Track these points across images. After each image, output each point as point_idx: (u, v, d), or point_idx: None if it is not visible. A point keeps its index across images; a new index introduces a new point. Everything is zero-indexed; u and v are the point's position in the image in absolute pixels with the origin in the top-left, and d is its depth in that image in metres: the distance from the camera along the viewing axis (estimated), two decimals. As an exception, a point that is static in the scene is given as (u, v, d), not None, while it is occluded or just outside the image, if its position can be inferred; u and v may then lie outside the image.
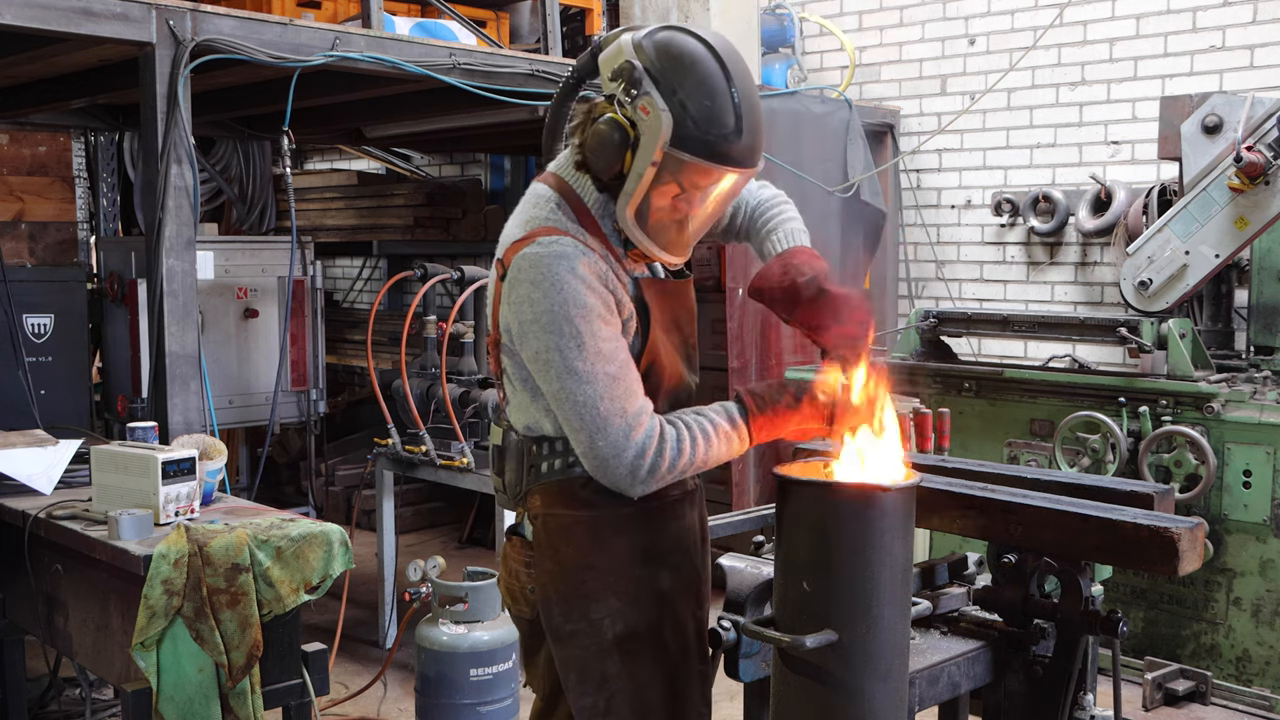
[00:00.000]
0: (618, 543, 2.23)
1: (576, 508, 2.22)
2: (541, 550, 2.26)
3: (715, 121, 2.07)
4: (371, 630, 5.35)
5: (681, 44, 2.12)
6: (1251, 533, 4.56)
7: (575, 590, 2.23)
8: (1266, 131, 4.47)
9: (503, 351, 2.24)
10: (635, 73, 2.07)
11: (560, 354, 2.08)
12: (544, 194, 2.24)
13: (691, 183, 2.13)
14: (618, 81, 2.09)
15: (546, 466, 2.22)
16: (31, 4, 3.61)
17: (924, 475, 2.27)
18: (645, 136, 2.07)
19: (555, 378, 2.09)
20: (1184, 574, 2.43)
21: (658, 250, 2.20)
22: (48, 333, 4.77)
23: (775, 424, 2.22)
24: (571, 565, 2.23)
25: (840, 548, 2.02)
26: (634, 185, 2.11)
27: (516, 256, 2.14)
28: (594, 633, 2.23)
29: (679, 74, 2.07)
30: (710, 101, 2.06)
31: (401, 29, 4.78)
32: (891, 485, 2.06)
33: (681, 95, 2.06)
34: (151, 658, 2.98)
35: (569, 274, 2.09)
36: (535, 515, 2.27)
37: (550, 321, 2.08)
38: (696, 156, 2.07)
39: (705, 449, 2.16)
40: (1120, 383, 4.84)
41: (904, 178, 6.69)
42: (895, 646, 2.08)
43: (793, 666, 2.08)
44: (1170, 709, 4.56)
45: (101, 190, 7.28)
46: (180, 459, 3.32)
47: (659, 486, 2.16)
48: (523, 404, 2.24)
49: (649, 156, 2.07)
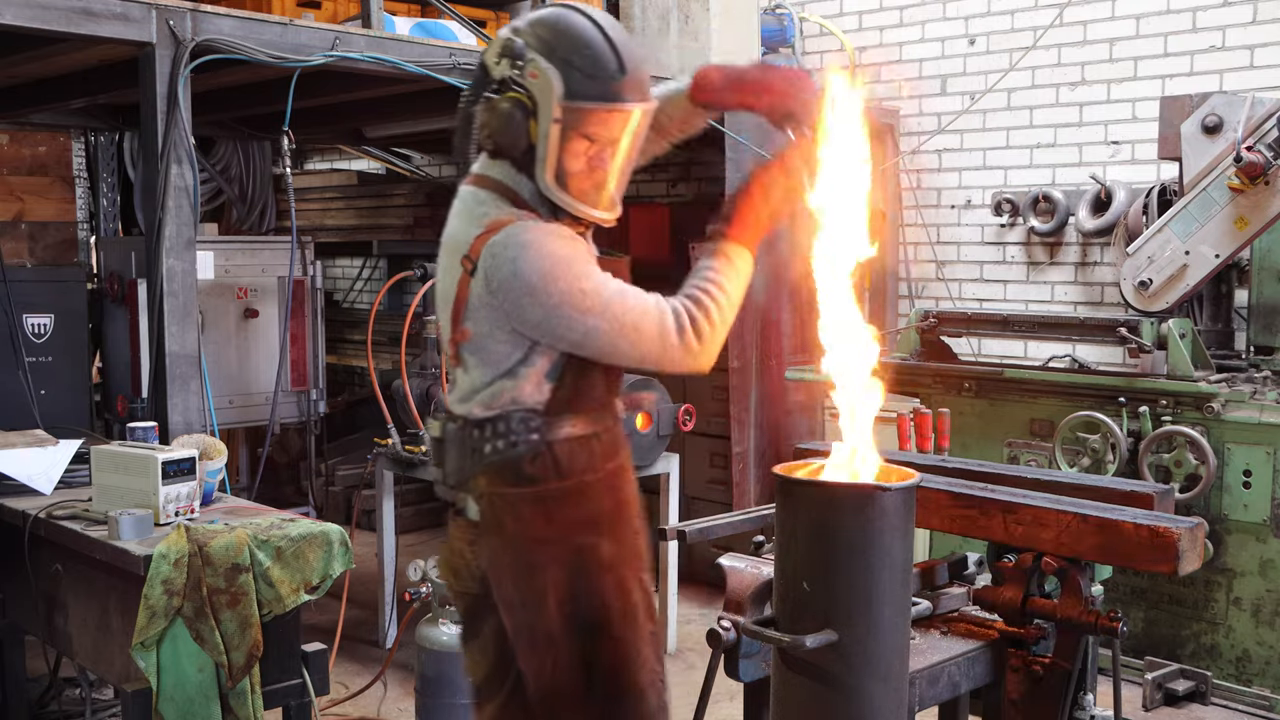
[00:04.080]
0: (561, 515, 2.33)
1: (521, 484, 2.32)
2: (489, 527, 2.36)
3: (598, 65, 2.22)
4: (371, 630, 5.35)
5: (552, 12, 2.31)
6: (1251, 533, 4.56)
7: (525, 561, 2.33)
8: (1266, 131, 4.47)
9: (468, 346, 2.33)
10: (516, 45, 2.24)
11: (570, 297, 2.19)
12: (480, 195, 2.35)
13: (596, 133, 2.25)
14: (503, 60, 2.25)
15: (490, 448, 2.32)
16: (31, 4, 3.61)
17: (924, 475, 2.27)
18: (541, 98, 2.22)
19: (578, 319, 2.20)
20: (1184, 574, 2.44)
21: (588, 209, 2.31)
22: (48, 333, 4.76)
23: (749, 218, 2.36)
24: (520, 538, 2.33)
25: (840, 548, 2.02)
26: (545, 149, 2.24)
27: (486, 246, 2.24)
28: (543, 600, 2.33)
29: (555, 35, 2.24)
30: (589, 50, 2.23)
31: (401, 29, 4.78)
32: (891, 485, 2.06)
33: (561, 52, 2.22)
34: (151, 658, 2.98)
35: (544, 236, 2.22)
36: (481, 495, 2.36)
37: (549, 274, 2.19)
38: (591, 101, 2.22)
39: (724, 288, 2.30)
40: (1120, 383, 4.84)
41: (904, 178, 6.69)
42: (895, 646, 2.08)
43: (793, 666, 2.08)
44: (1170, 709, 4.56)
45: (101, 190, 7.28)
46: (180, 459, 3.32)
47: (718, 346, 2.28)
48: (472, 386, 2.34)
49: (549, 116, 2.21)
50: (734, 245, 2.36)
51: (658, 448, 5.09)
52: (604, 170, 2.30)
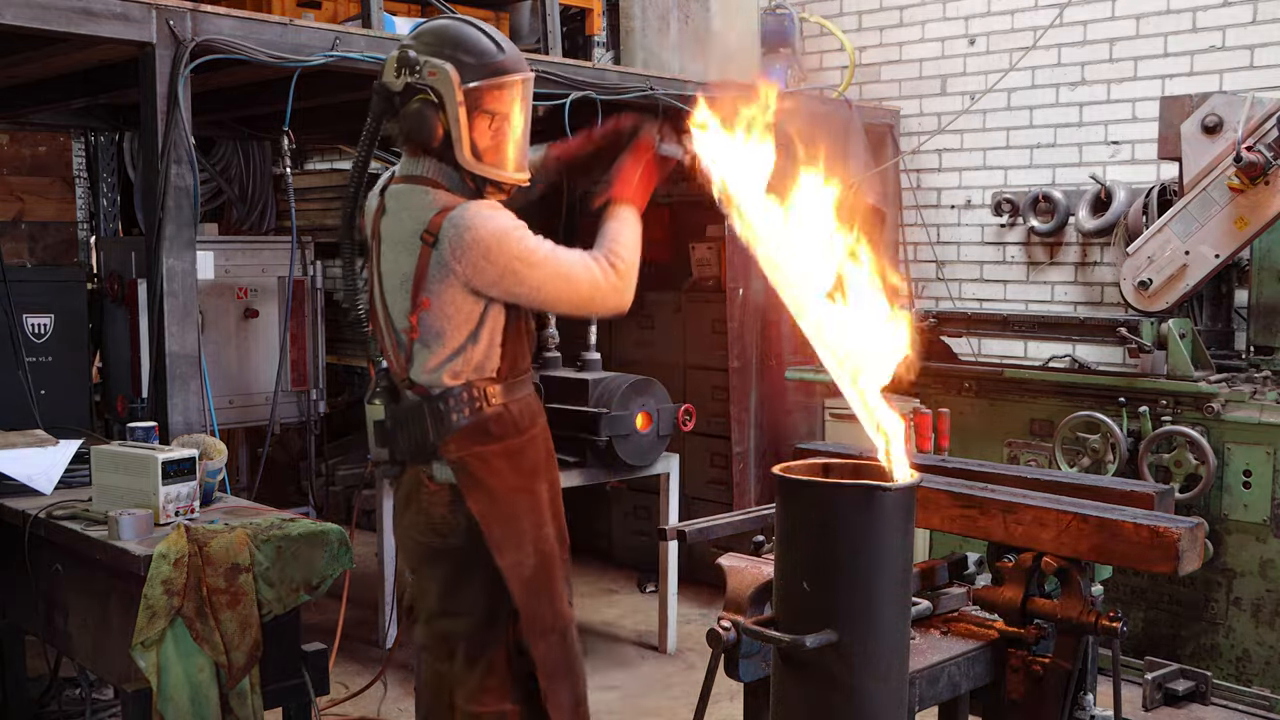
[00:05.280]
0: (522, 465, 2.78)
1: (490, 442, 2.73)
2: (471, 483, 2.71)
3: (481, 51, 2.67)
4: (371, 630, 5.35)
5: (430, 24, 2.79)
6: (1251, 533, 4.56)
7: (506, 509, 2.74)
8: (1266, 131, 4.47)
9: (428, 314, 2.67)
10: (410, 54, 2.66)
11: (519, 258, 2.63)
12: (416, 189, 2.73)
13: (494, 108, 2.68)
14: (401, 71, 2.66)
15: (457, 416, 2.69)
16: (31, 4, 3.61)
17: (924, 475, 2.27)
18: (444, 89, 2.63)
19: (526, 273, 2.64)
20: (1184, 574, 2.44)
21: (506, 174, 2.74)
22: (48, 333, 4.76)
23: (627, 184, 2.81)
24: (499, 489, 2.73)
25: (840, 548, 2.02)
26: (458, 131, 2.65)
27: (445, 220, 2.63)
28: (523, 541, 2.77)
29: (439, 38, 2.68)
30: (469, 41, 2.67)
31: (401, 29, 4.77)
32: (891, 485, 2.06)
33: (448, 49, 2.65)
34: (151, 658, 2.98)
35: (492, 210, 2.66)
36: (454, 459, 2.71)
37: (500, 239, 2.62)
38: (486, 79, 2.65)
39: (624, 238, 2.76)
40: (1120, 383, 4.84)
41: (904, 178, 6.68)
42: (895, 646, 2.08)
43: (793, 666, 2.08)
44: (1170, 709, 4.56)
45: (101, 190, 7.28)
46: (180, 459, 3.32)
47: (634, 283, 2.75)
48: (436, 360, 2.69)
49: (455, 101, 2.63)
50: (621, 205, 2.82)
51: (658, 448, 5.09)
52: (506, 138, 2.72)
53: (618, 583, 6.34)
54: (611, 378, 4.99)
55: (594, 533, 6.72)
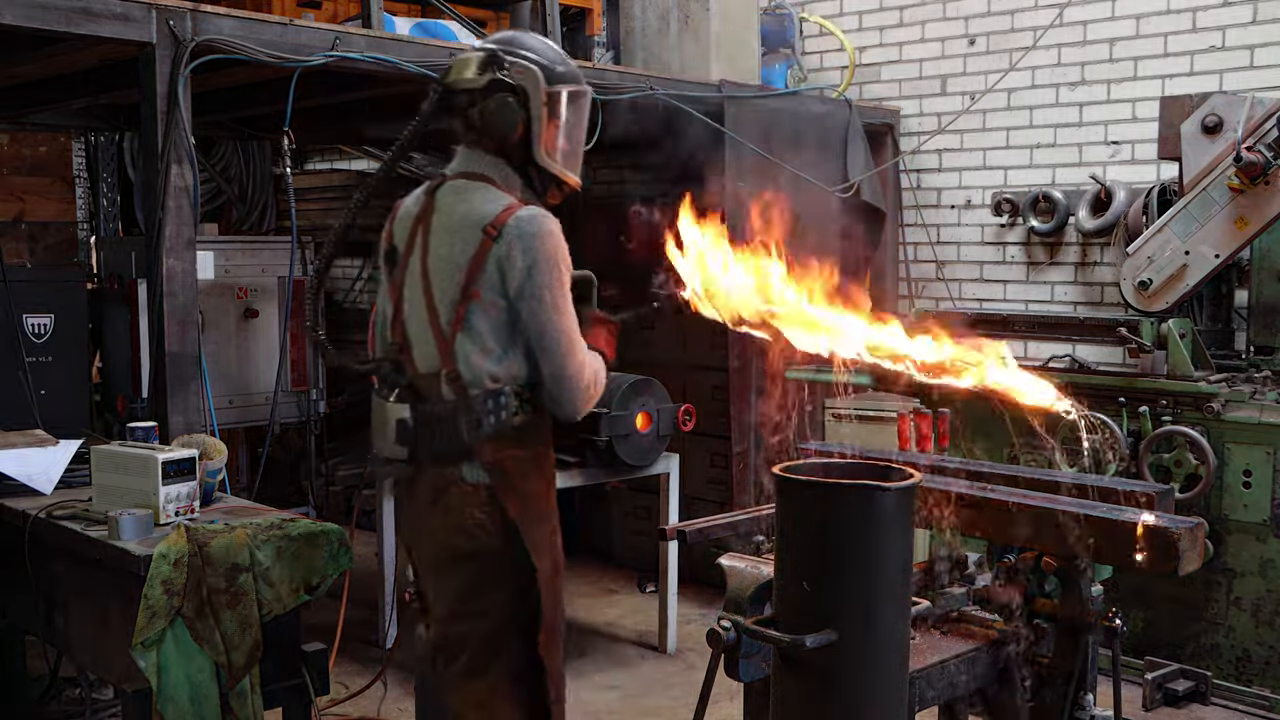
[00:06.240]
0: (544, 474, 2.85)
1: (524, 449, 2.77)
2: (506, 486, 2.73)
3: (556, 58, 2.83)
4: (371, 630, 5.35)
5: (505, 34, 2.92)
6: (1251, 533, 4.56)
7: (535, 512, 2.78)
8: (1266, 131, 4.47)
9: (478, 306, 2.69)
10: (495, 54, 2.75)
11: (552, 293, 2.69)
12: (478, 185, 2.78)
13: (562, 112, 2.80)
14: (486, 69, 2.74)
15: (493, 419, 2.71)
16: (31, 4, 3.61)
17: (924, 475, 2.27)
18: (529, 87, 2.74)
19: (546, 309, 2.68)
20: (1184, 574, 2.44)
21: (571, 175, 2.86)
22: (48, 333, 4.75)
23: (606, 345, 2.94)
24: (529, 494, 2.78)
25: (840, 548, 2.02)
26: (538, 129, 2.76)
27: (511, 219, 2.67)
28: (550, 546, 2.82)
29: (518, 44, 2.80)
30: (545, 47, 2.83)
31: (401, 29, 4.78)
32: (891, 485, 2.06)
33: (529, 54, 2.77)
34: (151, 658, 2.98)
35: (558, 229, 2.71)
36: (490, 461, 2.72)
37: (549, 264, 2.67)
38: (565, 83, 2.79)
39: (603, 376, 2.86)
40: (1120, 383, 4.84)
41: (904, 178, 6.68)
42: (895, 646, 2.09)
43: (793, 666, 2.08)
44: (1170, 709, 4.56)
45: (101, 190, 7.28)
46: (180, 459, 3.32)
47: (589, 405, 2.79)
48: (490, 356, 2.71)
49: (539, 100, 2.74)
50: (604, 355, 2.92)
51: (658, 448, 5.09)
52: (572, 144, 2.85)
53: (618, 583, 6.35)
54: (611, 377, 4.95)
55: (594, 533, 6.72)
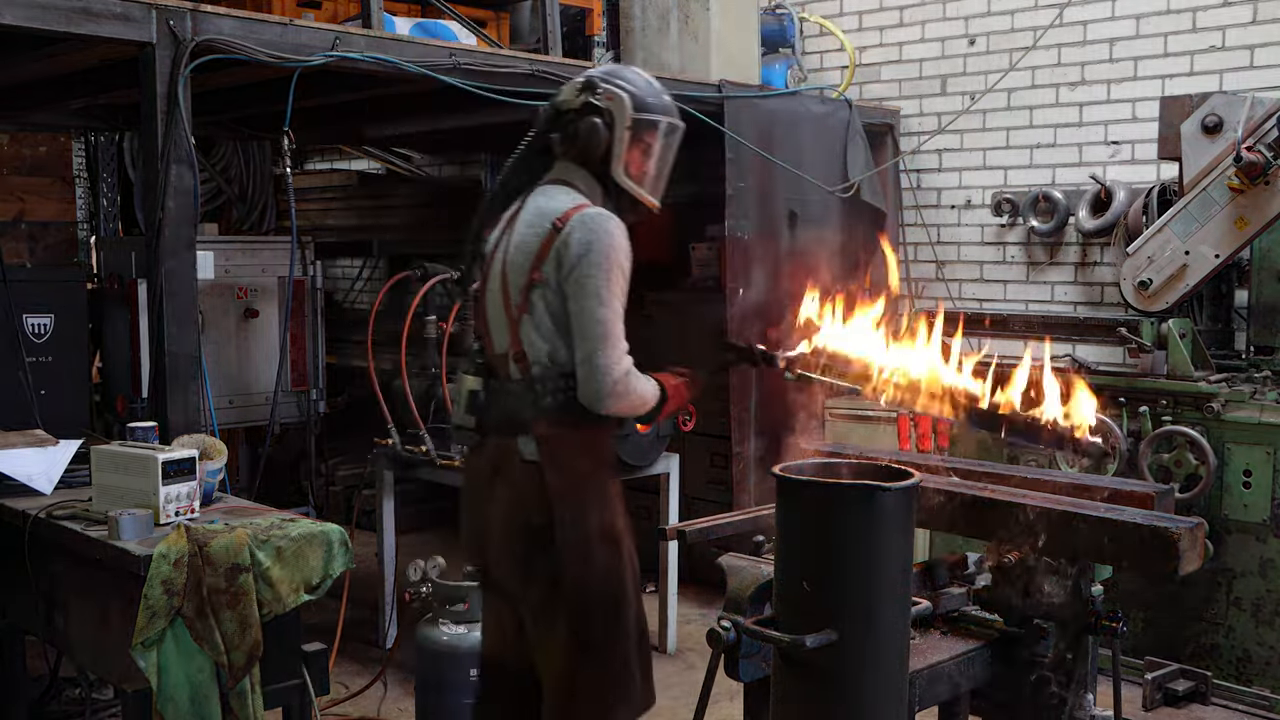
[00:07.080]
0: (597, 454, 2.96)
1: (576, 427, 2.89)
2: (554, 461, 2.87)
3: (650, 92, 3.04)
4: (371, 630, 5.35)
5: (611, 65, 3.23)
6: (1251, 533, 4.56)
7: (580, 496, 2.88)
8: (1266, 131, 4.47)
9: (539, 289, 2.87)
10: (593, 79, 3.01)
11: (596, 281, 2.82)
12: (562, 188, 2.99)
13: (649, 140, 3.02)
14: (583, 92, 2.97)
15: (550, 399, 2.87)
16: (31, 4, 3.61)
17: (924, 475, 2.27)
18: (617, 112, 2.96)
19: (588, 296, 2.82)
20: (1184, 574, 2.44)
21: (648, 196, 3.05)
22: (48, 333, 4.75)
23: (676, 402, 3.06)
24: (583, 472, 2.91)
25: (840, 548, 2.02)
26: (620, 149, 2.98)
27: (576, 215, 2.86)
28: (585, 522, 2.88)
29: (616, 75, 3.04)
30: (643, 82, 3.05)
31: (401, 29, 4.78)
32: (891, 485, 2.06)
33: (623, 85, 2.99)
34: (151, 658, 2.98)
35: (620, 233, 2.89)
36: (542, 437, 2.87)
37: (601, 256, 2.83)
38: (653, 113, 3.00)
39: (647, 393, 2.94)
40: (1120, 383, 4.84)
41: (904, 178, 6.68)
42: (895, 646, 2.09)
43: (793, 666, 2.08)
44: (1170, 709, 4.56)
45: (101, 190, 7.29)
46: (180, 459, 3.32)
47: (618, 409, 2.88)
48: (545, 337, 2.88)
49: (624, 125, 2.97)
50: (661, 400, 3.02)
51: (658, 448, 5.09)
52: (652, 168, 3.05)
53: (618, 583, 6.34)
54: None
55: (594, 533, 6.71)
